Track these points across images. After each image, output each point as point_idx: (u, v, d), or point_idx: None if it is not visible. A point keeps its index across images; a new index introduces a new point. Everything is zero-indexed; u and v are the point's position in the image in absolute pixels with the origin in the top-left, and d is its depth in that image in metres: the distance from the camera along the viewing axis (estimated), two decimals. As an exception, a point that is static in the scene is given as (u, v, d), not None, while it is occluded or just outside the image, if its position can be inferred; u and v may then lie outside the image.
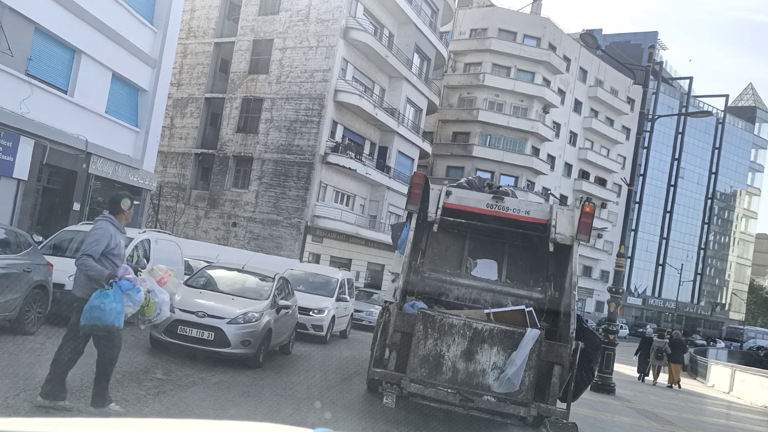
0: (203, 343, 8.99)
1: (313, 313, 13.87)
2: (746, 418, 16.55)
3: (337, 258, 30.58)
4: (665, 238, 74.61)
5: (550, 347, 7.31)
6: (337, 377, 10.80)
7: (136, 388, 7.02)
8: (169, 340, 9.05)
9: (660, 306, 73.45)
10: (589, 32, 20.35)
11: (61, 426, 1.80)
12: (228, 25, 33.25)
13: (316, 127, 29.37)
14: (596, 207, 12.83)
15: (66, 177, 16.98)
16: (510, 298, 9.02)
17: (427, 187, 8.56)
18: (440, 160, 45.98)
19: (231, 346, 9.01)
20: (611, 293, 16.07)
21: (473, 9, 49.85)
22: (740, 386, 21.08)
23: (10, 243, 8.87)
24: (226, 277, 11.00)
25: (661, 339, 20.94)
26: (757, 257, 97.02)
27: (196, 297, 9.66)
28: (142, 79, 19.26)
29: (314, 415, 7.28)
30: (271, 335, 9.92)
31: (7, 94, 14.12)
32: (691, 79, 78.49)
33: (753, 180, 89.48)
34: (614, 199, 58.59)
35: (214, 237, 30.41)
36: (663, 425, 11.97)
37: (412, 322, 7.40)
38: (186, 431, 1.96)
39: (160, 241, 12.64)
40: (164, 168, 32.20)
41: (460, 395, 7.06)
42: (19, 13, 14.28)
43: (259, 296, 10.17)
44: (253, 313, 9.41)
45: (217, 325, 9.02)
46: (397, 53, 33.29)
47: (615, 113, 57.92)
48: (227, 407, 7.11)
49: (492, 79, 46.07)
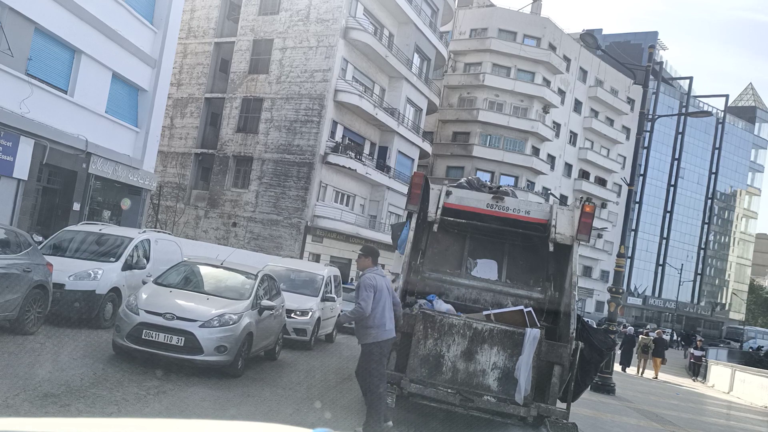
0: (171, 349, 7.86)
1: (296, 315, 12.29)
2: (746, 418, 16.55)
3: (337, 258, 30.56)
4: (665, 238, 74.60)
5: (550, 347, 7.31)
6: (337, 377, 10.79)
7: (136, 388, 7.01)
8: (132, 346, 7.94)
9: (660, 306, 73.43)
10: (589, 32, 20.32)
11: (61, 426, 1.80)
12: (228, 25, 33.24)
13: (316, 127, 29.37)
14: (596, 207, 12.83)
15: (66, 177, 16.97)
16: (510, 298, 9.02)
17: (427, 187, 8.56)
18: (440, 160, 45.97)
19: (204, 353, 7.92)
20: (611, 293, 16.07)
21: (473, 9, 49.84)
22: (740, 386, 21.11)
23: (10, 243, 8.86)
24: (202, 274, 9.78)
25: (646, 336, 24.15)
26: (757, 257, 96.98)
27: (164, 297, 8.52)
28: (142, 79, 19.26)
29: (314, 415, 7.27)
30: (252, 340, 8.80)
31: (7, 94, 14.12)
32: (691, 79, 78.49)
33: (753, 180, 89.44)
34: (614, 199, 58.58)
35: (214, 237, 30.41)
36: (663, 425, 11.97)
37: (412, 322, 7.40)
38: (186, 431, 1.96)
39: (159, 241, 12.62)
40: (164, 168, 32.20)
41: (460, 395, 7.06)
42: (19, 13, 14.28)
43: (239, 296, 8.99)
44: (230, 314, 8.31)
45: (187, 328, 7.90)
46: (397, 53, 33.29)
47: (615, 113, 57.91)
48: (227, 407, 7.11)
49: (492, 79, 46.06)
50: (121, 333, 8.03)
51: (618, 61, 21.46)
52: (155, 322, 7.95)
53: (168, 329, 7.91)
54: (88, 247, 11.16)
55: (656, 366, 23.22)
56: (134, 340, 7.95)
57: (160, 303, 8.29)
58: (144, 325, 7.93)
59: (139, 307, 8.18)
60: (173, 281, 9.31)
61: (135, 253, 11.46)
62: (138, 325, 7.95)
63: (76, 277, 10.11)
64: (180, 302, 8.41)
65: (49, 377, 6.78)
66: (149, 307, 8.16)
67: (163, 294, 8.65)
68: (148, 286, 8.95)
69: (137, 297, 8.51)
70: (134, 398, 6.61)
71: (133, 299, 8.50)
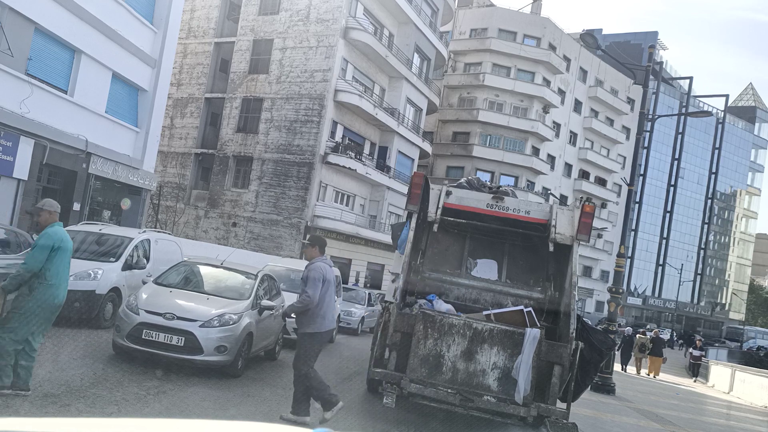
0: (172, 349, 7.85)
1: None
2: (746, 418, 16.55)
3: (337, 258, 30.55)
4: (665, 238, 74.62)
5: (550, 347, 7.30)
6: (337, 377, 10.79)
7: (136, 388, 7.01)
8: (132, 346, 7.93)
9: (660, 306, 73.44)
10: (589, 32, 20.32)
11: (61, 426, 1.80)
12: (228, 25, 33.24)
13: (316, 127, 29.37)
14: (596, 207, 12.83)
15: (66, 177, 16.97)
16: (510, 298, 9.02)
17: (427, 187, 8.56)
18: (440, 160, 45.97)
19: (204, 353, 7.91)
20: (611, 293, 16.08)
21: (473, 9, 49.84)
22: (740, 386, 21.11)
23: (10, 243, 8.87)
24: (202, 274, 9.77)
25: (643, 336, 24.75)
26: (757, 257, 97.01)
27: (165, 297, 8.51)
28: (142, 79, 19.25)
29: (314, 415, 7.27)
30: (252, 340, 8.79)
31: (7, 94, 14.12)
32: (691, 79, 78.53)
33: (753, 180, 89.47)
34: (614, 199, 58.58)
35: (214, 237, 30.41)
36: (663, 425, 11.97)
37: (412, 322, 7.39)
38: (186, 431, 1.96)
39: (159, 241, 12.62)
40: (164, 168, 32.20)
41: (460, 395, 7.06)
42: (19, 13, 14.28)
43: (239, 296, 8.99)
44: (230, 314, 8.31)
45: (187, 328, 7.90)
46: (397, 53, 33.29)
47: (615, 113, 57.92)
48: (227, 407, 7.10)
49: (492, 79, 46.06)
50: (121, 333, 8.00)
51: (618, 61, 21.45)
52: (155, 322, 7.92)
53: (168, 329, 7.89)
54: (88, 247, 11.16)
55: (655, 365, 23.55)
56: (134, 340, 7.93)
57: (160, 303, 8.26)
58: (144, 325, 7.91)
59: (139, 307, 8.16)
60: (173, 281, 9.28)
61: (135, 253, 11.46)
62: (138, 325, 7.93)
63: (76, 277, 10.06)
64: (180, 302, 8.38)
65: (49, 377, 6.77)
66: (149, 307, 8.14)
67: (163, 294, 8.63)
68: (148, 286, 8.93)
69: (137, 297, 8.50)
70: (134, 398, 6.61)
71: (133, 299, 8.50)
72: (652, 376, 23.07)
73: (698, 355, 27.62)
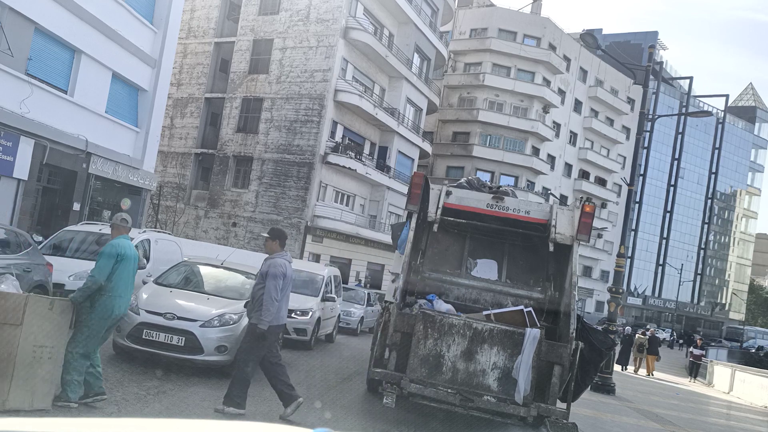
0: (172, 349, 7.87)
1: (296, 314, 12.23)
2: (746, 418, 16.56)
3: (337, 258, 30.56)
4: (665, 238, 74.62)
5: (550, 347, 7.30)
6: (337, 377, 10.79)
7: (136, 388, 7.01)
8: (133, 346, 7.95)
9: (660, 306, 73.45)
10: (589, 32, 20.33)
11: (61, 426, 1.79)
12: (228, 25, 33.24)
13: (316, 127, 29.37)
14: (596, 207, 12.83)
15: (66, 177, 16.97)
16: (510, 298, 9.02)
17: (427, 187, 8.56)
18: (440, 160, 45.97)
19: (204, 353, 7.93)
20: (611, 293, 16.08)
21: (473, 9, 49.84)
22: (740, 386, 21.12)
23: (10, 243, 8.87)
24: (202, 274, 9.76)
25: (642, 336, 25.33)
26: (757, 257, 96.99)
27: (165, 297, 8.52)
28: (142, 79, 19.26)
29: (314, 415, 7.27)
30: None
31: (7, 94, 14.11)
32: (691, 79, 78.54)
33: (753, 180, 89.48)
34: (614, 199, 58.59)
35: (214, 237, 30.40)
36: (663, 425, 11.97)
37: (412, 322, 7.39)
38: (186, 431, 1.96)
39: (160, 241, 12.63)
40: (164, 168, 32.20)
41: (460, 395, 7.06)
42: (19, 13, 14.27)
43: (240, 296, 8.91)
44: (230, 314, 8.27)
45: (188, 328, 7.90)
46: (397, 53, 33.29)
47: (615, 113, 57.92)
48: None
49: (492, 79, 46.07)
50: (122, 333, 8.00)
51: (618, 61, 21.45)
52: (156, 322, 7.94)
53: (168, 329, 7.90)
54: (88, 247, 11.16)
55: (651, 363, 24.18)
56: (134, 340, 7.95)
57: (161, 303, 8.27)
58: (144, 325, 7.93)
59: (139, 306, 8.16)
60: (173, 281, 9.29)
61: (135, 253, 11.44)
62: (138, 324, 7.94)
63: (76, 277, 10.10)
64: (180, 302, 8.39)
65: (49, 377, 6.76)
66: (150, 307, 8.15)
67: (164, 294, 8.64)
68: (149, 286, 8.94)
69: (138, 297, 8.49)
70: (134, 398, 6.61)
71: (133, 299, 8.47)
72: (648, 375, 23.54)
73: (699, 354, 27.62)
